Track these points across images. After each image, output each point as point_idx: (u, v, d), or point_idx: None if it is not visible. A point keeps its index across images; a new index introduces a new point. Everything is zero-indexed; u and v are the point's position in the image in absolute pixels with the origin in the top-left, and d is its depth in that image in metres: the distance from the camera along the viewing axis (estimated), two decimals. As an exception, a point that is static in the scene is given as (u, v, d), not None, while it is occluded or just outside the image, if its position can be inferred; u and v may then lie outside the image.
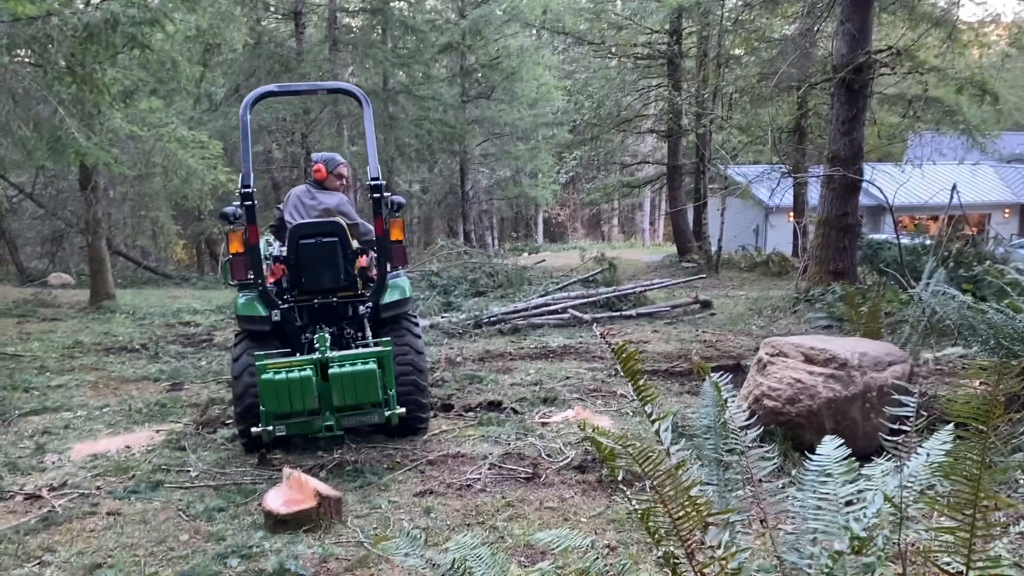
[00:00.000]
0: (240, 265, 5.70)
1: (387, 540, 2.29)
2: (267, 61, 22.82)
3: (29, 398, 7.74)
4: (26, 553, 4.11)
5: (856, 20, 11.64)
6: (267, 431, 5.33)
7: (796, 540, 2.08)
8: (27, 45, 9.44)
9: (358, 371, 5.30)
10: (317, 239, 5.91)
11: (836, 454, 2.15)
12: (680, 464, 1.86)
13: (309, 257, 5.91)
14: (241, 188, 5.62)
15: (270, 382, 5.12)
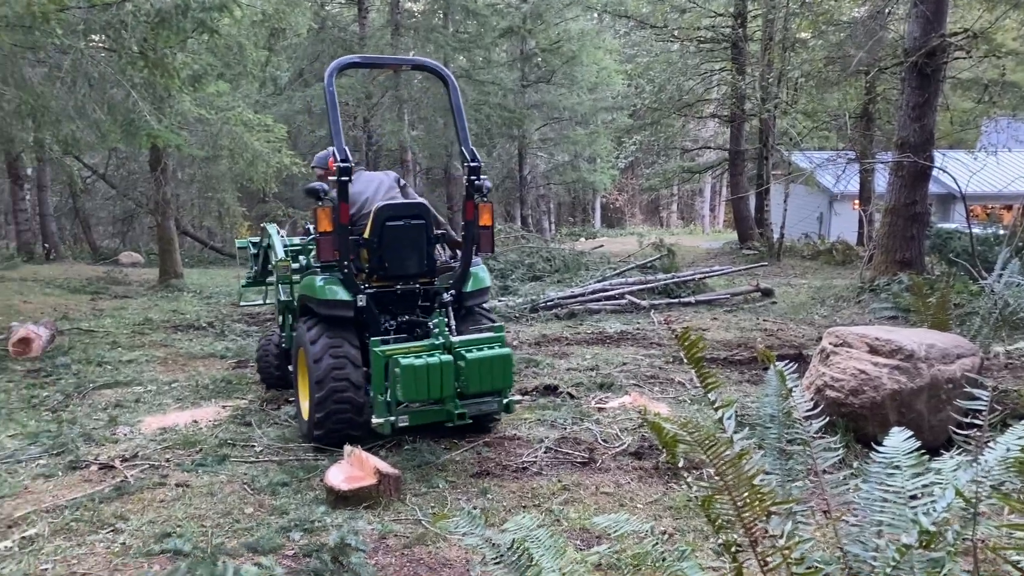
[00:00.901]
0: (328, 245, 5.34)
1: (447, 518, 2.32)
2: (330, 46, 23.08)
3: (102, 372, 8.03)
4: (100, 520, 4.28)
5: (930, 2, 11.25)
6: (389, 421, 5.04)
7: (860, 532, 2.05)
8: (102, 30, 9.71)
9: (496, 355, 5.08)
10: (405, 221, 5.60)
11: (904, 446, 2.11)
12: (744, 452, 1.85)
13: (395, 240, 5.59)
14: (339, 162, 5.25)
15: (411, 368, 4.84)
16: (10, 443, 5.69)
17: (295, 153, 18.19)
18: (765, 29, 21.25)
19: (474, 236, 5.70)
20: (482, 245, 5.71)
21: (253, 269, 8.12)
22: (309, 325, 5.48)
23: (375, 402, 5.13)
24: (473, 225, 5.67)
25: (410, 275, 5.72)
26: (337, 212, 5.30)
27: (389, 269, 5.62)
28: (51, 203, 24.32)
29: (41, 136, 13.54)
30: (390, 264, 5.61)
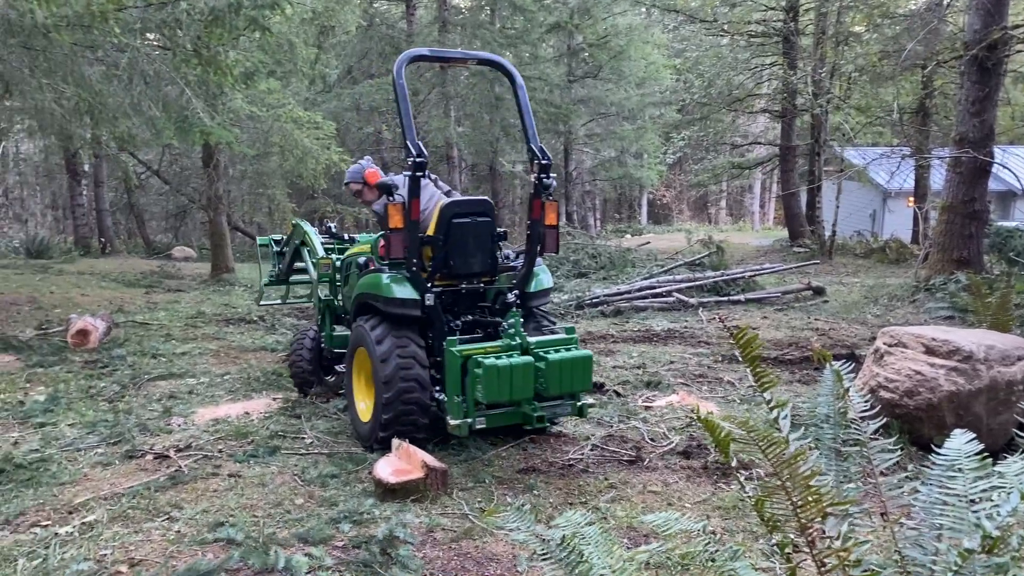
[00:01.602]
0: (399, 242, 5.14)
1: (496, 513, 2.32)
2: (379, 43, 23.28)
3: (157, 364, 8.21)
4: (156, 508, 4.39)
5: (992, -7, 10.94)
6: (467, 423, 4.90)
7: (919, 536, 2.00)
8: (157, 29, 9.91)
9: (577, 357, 4.95)
10: (472, 218, 5.44)
11: (966, 449, 2.05)
12: (800, 452, 1.82)
13: (462, 238, 5.41)
14: (415, 157, 5.04)
15: (494, 369, 4.68)
16: (70, 432, 5.85)
17: (343, 150, 18.39)
18: (818, 23, 20.88)
19: (540, 235, 5.50)
20: (547, 245, 5.53)
21: (276, 267, 8.04)
22: (372, 324, 5.31)
23: (450, 404, 5.00)
24: (539, 224, 5.48)
25: (474, 274, 5.58)
26: (408, 209, 5.13)
27: (454, 267, 5.46)
28: (107, 199, 24.96)
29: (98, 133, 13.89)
30: (455, 262, 5.44)
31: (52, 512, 4.35)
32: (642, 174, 31.83)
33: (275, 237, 8.23)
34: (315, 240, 7.13)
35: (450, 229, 5.37)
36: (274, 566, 3.59)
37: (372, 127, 27.88)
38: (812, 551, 1.80)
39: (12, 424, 6.09)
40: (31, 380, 7.49)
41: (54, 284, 13.89)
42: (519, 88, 5.62)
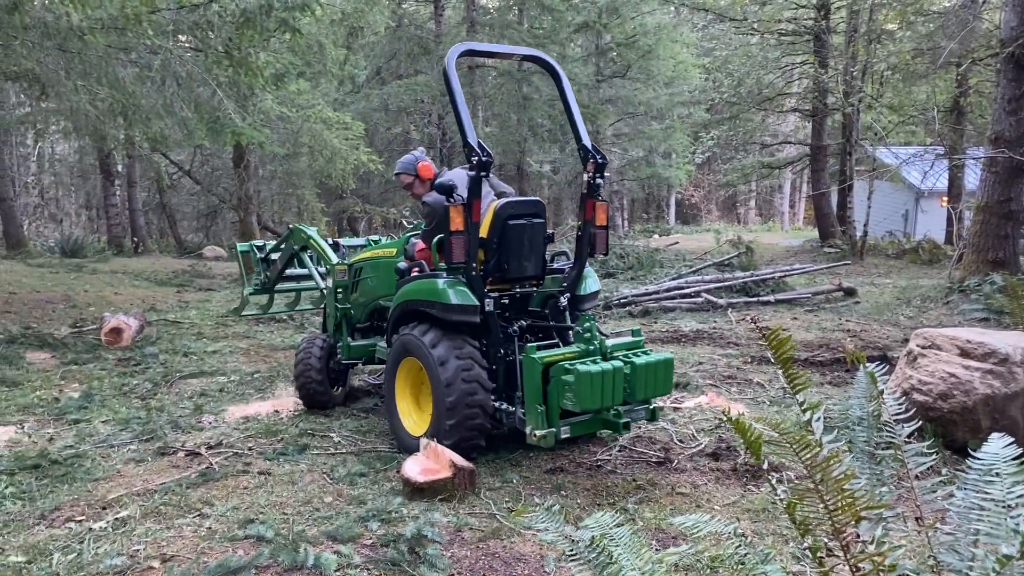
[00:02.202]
0: (460, 245, 4.92)
1: (525, 513, 2.32)
2: (407, 43, 23.36)
3: (188, 362, 8.31)
4: (188, 505, 4.44)
5: (1029, -11, 10.73)
6: (552, 432, 4.62)
7: (955, 541, 1.97)
8: (190, 31, 10.05)
9: (662, 360, 4.80)
10: (527, 219, 5.24)
11: (1004, 453, 2.02)
12: (834, 455, 1.80)
13: (517, 240, 5.19)
14: (482, 156, 4.82)
15: (588, 375, 4.46)
16: (103, 428, 5.94)
17: (372, 150, 18.50)
18: (849, 20, 20.62)
19: (591, 236, 5.33)
20: (597, 246, 5.36)
21: (263, 275, 7.66)
22: (423, 331, 5.05)
23: (531, 414, 4.70)
24: (591, 224, 5.30)
25: (527, 277, 5.39)
26: (470, 211, 4.92)
27: (508, 271, 5.24)
28: (140, 199, 25.29)
29: (131, 134, 14.11)
30: (510, 266, 5.22)
31: (86, 507, 4.42)
32: (670, 174, 31.65)
33: (257, 243, 7.87)
34: (325, 245, 6.83)
35: (505, 231, 5.16)
36: (303, 563, 3.61)
37: (400, 127, 28.00)
38: (846, 555, 1.77)
39: (48, 420, 6.20)
40: (66, 377, 7.62)
41: (88, 283, 14.11)
42: (564, 84, 5.45)
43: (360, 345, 6.45)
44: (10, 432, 5.85)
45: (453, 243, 4.92)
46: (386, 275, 6.05)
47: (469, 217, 4.91)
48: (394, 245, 6.22)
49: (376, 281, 6.26)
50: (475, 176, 4.86)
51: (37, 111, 17.52)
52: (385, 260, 6.16)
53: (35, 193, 32.40)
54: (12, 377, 7.48)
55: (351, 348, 6.44)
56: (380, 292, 6.20)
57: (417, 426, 5.29)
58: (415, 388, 5.41)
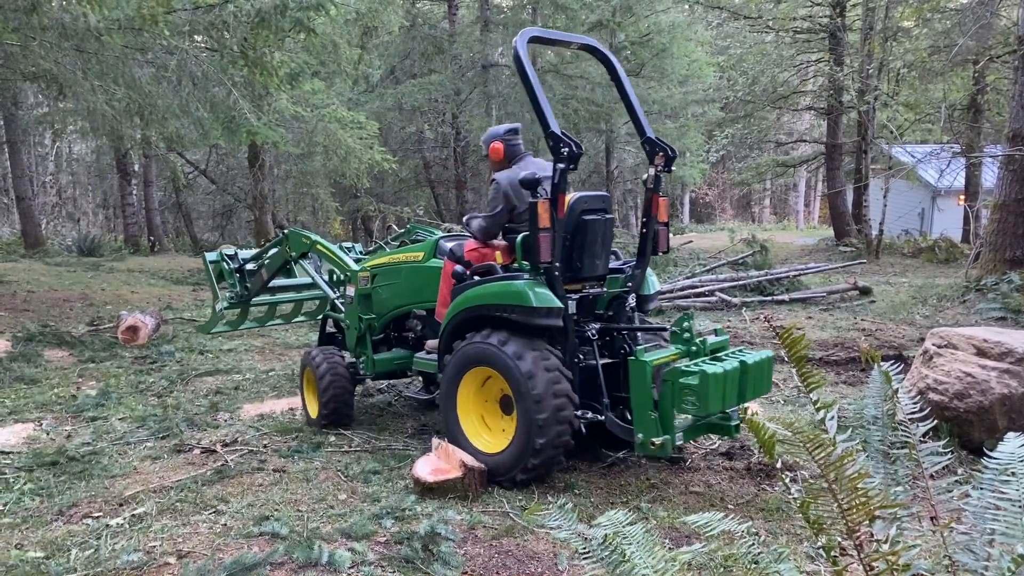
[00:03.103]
0: (547, 244, 4.57)
1: (538, 511, 2.33)
2: (421, 43, 23.39)
3: (204, 360, 8.37)
4: (203, 501, 4.47)
5: (1047, -15, 10.64)
6: (669, 440, 4.34)
7: (970, 541, 1.96)
8: (205, 31, 10.11)
9: (766, 359, 4.61)
10: (599, 215, 4.97)
11: (1020, 452, 2.01)
12: (848, 453, 1.80)
13: (591, 237, 4.93)
14: (570, 148, 4.49)
15: (715, 377, 4.18)
16: (120, 425, 6.00)
17: (386, 150, 18.54)
18: (865, 18, 20.49)
19: (655, 233, 5.07)
20: (660, 243, 5.12)
21: (238, 287, 7.00)
22: (502, 339, 4.64)
23: (641, 420, 4.42)
24: (655, 221, 5.04)
25: (598, 276, 5.14)
26: (555, 206, 4.61)
27: (581, 270, 4.97)
28: (156, 198, 25.46)
29: (148, 133, 14.21)
30: (583, 264, 4.95)
31: (103, 504, 4.46)
32: (684, 172, 31.54)
33: (227, 251, 7.15)
34: (338, 250, 6.31)
35: (579, 227, 4.87)
36: (317, 560, 3.63)
37: (415, 126, 28.03)
38: (859, 554, 1.77)
39: (66, 418, 6.26)
40: (83, 375, 7.69)
41: (105, 281, 14.22)
42: (621, 76, 5.17)
43: (387, 358, 5.95)
44: (28, 429, 5.92)
45: (541, 241, 4.56)
46: (411, 281, 5.76)
47: (555, 213, 4.61)
48: (420, 248, 5.86)
49: (397, 288, 5.87)
50: (564, 169, 4.54)
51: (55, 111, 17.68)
52: (410, 265, 5.81)
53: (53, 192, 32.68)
54: (30, 375, 7.55)
55: (377, 363, 5.90)
56: (403, 300, 5.85)
57: (491, 445, 4.85)
58: (479, 403, 4.99)
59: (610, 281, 5.22)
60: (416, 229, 7.15)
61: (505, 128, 5.41)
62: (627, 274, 5.20)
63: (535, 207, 4.53)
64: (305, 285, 7.40)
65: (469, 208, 25.34)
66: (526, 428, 4.54)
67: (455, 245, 5.48)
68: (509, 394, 4.71)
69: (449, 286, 5.26)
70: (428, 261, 5.69)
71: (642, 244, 5.13)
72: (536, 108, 4.60)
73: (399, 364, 5.96)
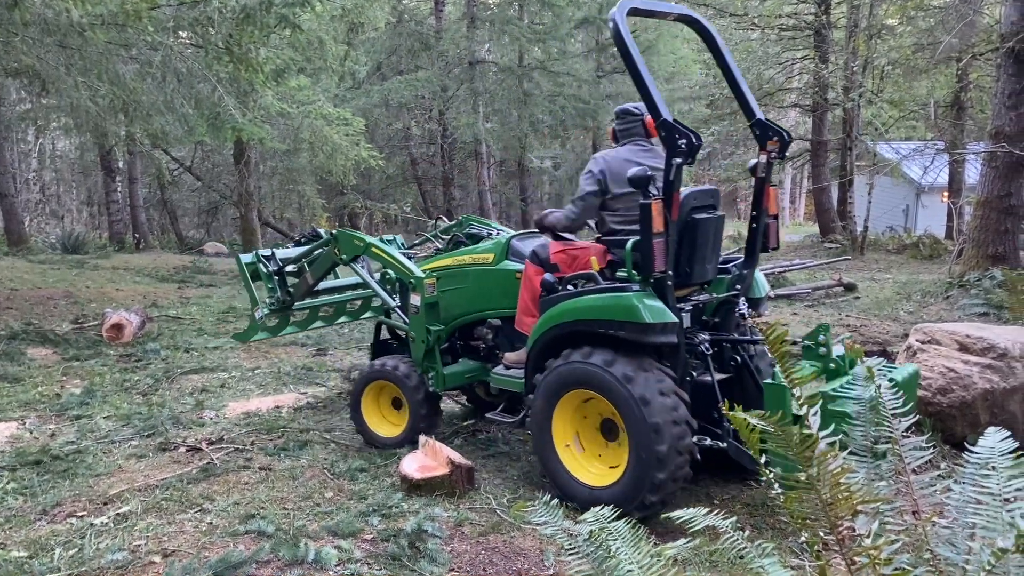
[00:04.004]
0: (661, 250, 4.04)
1: (525, 508, 2.34)
2: (407, 39, 23.35)
3: (189, 358, 8.33)
4: (189, 500, 4.46)
5: (1030, -15, 10.72)
6: None
7: (952, 535, 1.98)
8: (190, 27, 10.04)
9: (914, 373, 4.28)
10: (710, 212, 4.44)
11: (1001, 447, 2.03)
12: (831, 448, 1.81)
13: (703, 237, 4.37)
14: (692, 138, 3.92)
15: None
16: (105, 424, 5.96)
17: (372, 146, 18.48)
18: (850, 16, 20.60)
19: (765, 228, 4.57)
20: (771, 238, 4.64)
21: (279, 291, 6.40)
22: (608, 359, 4.12)
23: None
24: (765, 214, 4.54)
25: (706, 281, 4.63)
26: (670, 207, 4.06)
27: (691, 275, 4.39)
28: (141, 195, 25.29)
29: (132, 130, 14.10)
30: (693, 268, 4.38)
31: (88, 503, 4.44)
32: (671, 170, 31.60)
33: (264, 252, 6.53)
34: (398, 254, 5.53)
35: (689, 226, 4.30)
36: (304, 558, 3.63)
37: (401, 123, 27.98)
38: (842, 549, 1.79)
39: (49, 416, 6.22)
40: (67, 373, 7.64)
41: (89, 279, 14.11)
42: (721, 48, 4.59)
43: (458, 372, 5.42)
44: (12, 428, 5.88)
45: (655, 248, 4.02)
46: (480, 286, 5.28)
47: (669, 215, 4.05)
48: (489, 249, 5.33)
49: (463, 294, 5.37)
50: (680, 163, 3.97)
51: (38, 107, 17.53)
52: (478, 268, 5.30)
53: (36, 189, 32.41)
54: (14, 373, 7.49)
55: (448, 377, 5.33)
56: (470, 307, 5.37)
57: (598, 477, 4.31)
58: (574, 428, 4.47)
59: (716, 284, 4.69)
60: (469, 222, 6.50)
61: (625, 107, 4.75)
62: (735, 275, 4.68)
63: (647, 209, 4.01)
64: (349, 286, 6.82)
65: (457, 205, 25.35)
66: (641, 461, 4.04)
67: (538, 246, 4.91)
68: (614, 420, 4.24)
69: (533, 294, 4.71)
70: (500, 263, 5.19)
71: (751, 240, 4.62)
72: (642, 91, 4.02)
73: (471, 377, 5.49)
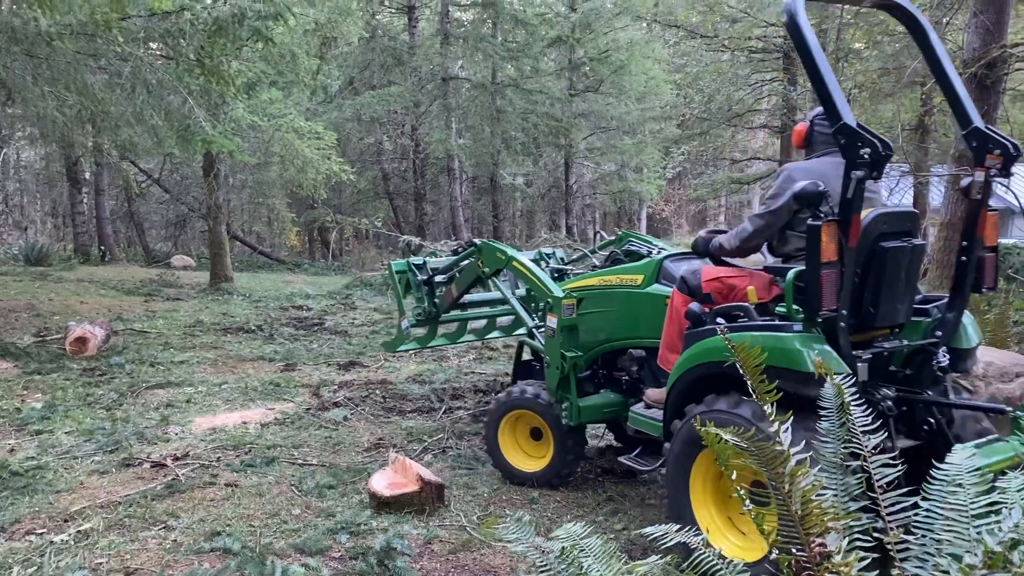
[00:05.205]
0: (832, 284, 3.34)
1: (495, 525, 2.32)
2: (380, 54, 23.36)
3: (155, 372, 8.19)
4: (153, 517, 4.37)
5: (991, 12, 10.97)
6: None
7: (920, 551, 2.00)
8: (161, 39, 9.94)
9: None
10: (904, 240, 3.64)
11: (968, 464, 2.05)
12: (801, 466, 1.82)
13: (893, 271, 3.57)
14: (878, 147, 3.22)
15: None
16: (67, 439, 5.83)
17: (344, 160, 18.41)
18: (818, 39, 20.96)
19: (978, 262, 3.78)
20: (986, 276, 3.82)
21: (427, 302, 6.11)
22: (758, 413, 3.35)
23: None
24: (980, 245, 3.75)
25: (896, 325, 3.79)
26: (847, 231, 3.35)
27: (876, 316, 3.59)
28: (108, 207, 24.95)
29: (100, 141, 13.92)
30: (878, 308, 3.58)
31: (48, 520, 4.33)
32: (642, 188, 31.88)
33: (415, 261, 6.22)
34: (538, 271, 5.09)
35: (873, 256, 3.54)
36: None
37: (373, 138, 27.95)
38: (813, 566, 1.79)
39: (9, 431, 6.08)
40: (28, 387, 7.47)
41: (53, 291, 13.87)
42: (931, 41, 3.87)
43: (595, 405, 4.85)
44: (-30, 443, 5.73)
45: (824, 281, 3.33)
46: (626, 310, 4.76)
47: (846, 241, 3.36)
48: (638, 270, 4.78)
49: (607, 318, 4.87)
50: (862, 177, 3.26)
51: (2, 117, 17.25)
52: (625, 290, 4.78)
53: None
54: (-28, 387, 7.32)
55: (583, 409, 4.77)
56: (614, 334, 4.86)
57: (741, 549, 3.56)
58: (717, 487, 3.75)
59: (910, 328, 3.86)
60: (628, 238, 5.95)
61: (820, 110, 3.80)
62: (935, 318, 3.85)
63: (816, 233, 3.32)
64: (500, 300, 6.39)
65: (428, 220, 25.33)
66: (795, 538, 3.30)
67: (688, 271, 4.25)
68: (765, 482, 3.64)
69: (679, 327, 4.08)
70: (649, 286, 4.64)
71: (959, 276, 3.84)
72: (819, 90, 3.39)
73: (609, 412, 4.94)
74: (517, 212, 37.61)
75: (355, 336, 10.61)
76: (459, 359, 9.04)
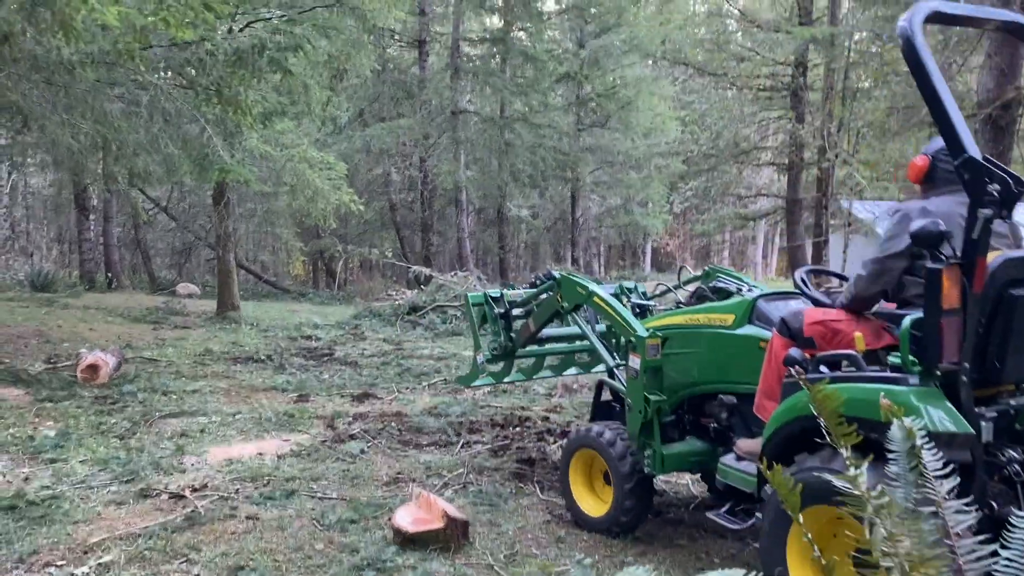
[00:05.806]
0: (954, 333, 3.10)
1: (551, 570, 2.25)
2: (391, 87, 23.60)
3: (168, 401, 8.11)
4: (174, 550, 4.28)
5: (1005, 54, 11.06)
6: None
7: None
8: (181, 68, 10.01)
9: None
10: None
11: (1052, 513, 1.99)
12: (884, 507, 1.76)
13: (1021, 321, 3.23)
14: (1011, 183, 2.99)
15: None
16: (81, 468, 5.75)
17: (352, 191, 18.47)
18: (826, 78, 21.12)
19: None
20: None
21: (502, 335, 5.93)
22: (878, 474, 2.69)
23: None
24: None
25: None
26: (971, 277, 3.09)
27: (1003, 371, 3.27)
28: (115, 234, 24.99)
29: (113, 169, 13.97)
30: (1005, 363, 3.25)
31: (67, 551, 4.24)
32: (647, 222, 32.03)
33: (492, 293, 6.08)
34: (621, 308, 4.87)
35: (1002, 304, 3.21)
36: (299, 615, 3.48)
37: (382, 169, 28.10)
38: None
39: (22, 459, 5.99)
40: (40, 415, 7.39)
41: (60, 318, 13.82)
42: None
43: (679, 453, 4.56)
44: (-17, 471, 5.64)
45: (945, 330, 3.08)
46: (714, 353, 4.45)
47: (970, 287, 3.09)
48: (729, 309, 4.49)
49: (694, 360, 4.55)
50: (989, 216, 3.00)
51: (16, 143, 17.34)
52: (714, 331, 4.46)
53: (6, 226, 31.92)
54: (-16, 413, 7.24)
55: (666, 458, 4.47)
56: (701, 377, 4.55)
57: None
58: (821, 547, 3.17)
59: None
60: (716, 274, 5.66)
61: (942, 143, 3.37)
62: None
63: (936, 277, 3.06)
64: (578, 335, 6.06)
65: (435, 251, 25.36)
66: None
67: (790, 313, 3.94)
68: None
69: (778, 373, 3.77)
70: (740, 327, 4.34)
71: None
72: (940, 120, 3.12)
73: (695, 462, 4.65)
74: (522, 244, 37.67)
75: (366, 367, 10.52)
76: (473, 391, 8.95)
